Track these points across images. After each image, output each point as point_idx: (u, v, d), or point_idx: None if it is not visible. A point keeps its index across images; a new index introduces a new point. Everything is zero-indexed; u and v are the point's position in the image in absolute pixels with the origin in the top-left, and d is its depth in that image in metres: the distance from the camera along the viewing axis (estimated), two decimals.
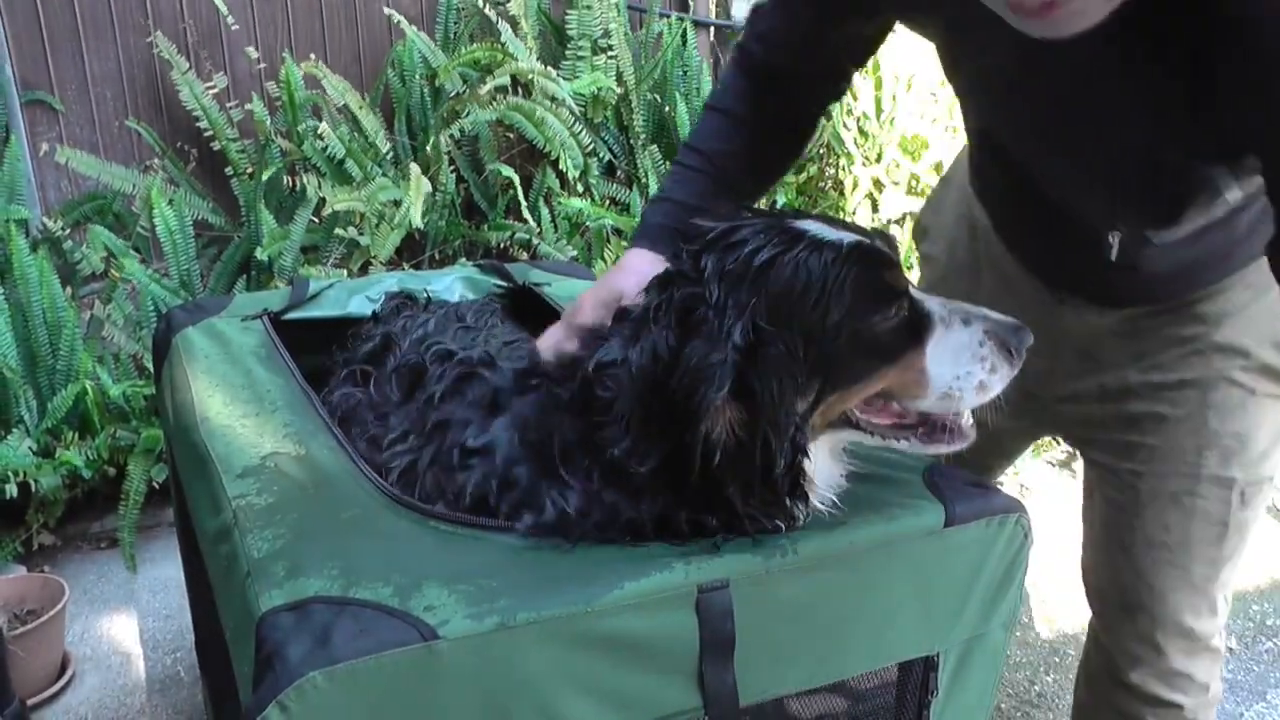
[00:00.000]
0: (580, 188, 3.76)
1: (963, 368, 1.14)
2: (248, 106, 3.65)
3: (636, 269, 1.35)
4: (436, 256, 3.70)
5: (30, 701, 2.41)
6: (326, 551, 1.09)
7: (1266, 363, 1.45)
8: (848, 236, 1.14)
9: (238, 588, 1.09)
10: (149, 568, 2.99)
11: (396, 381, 1.46)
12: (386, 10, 3.84)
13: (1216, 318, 1.44)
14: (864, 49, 1.53)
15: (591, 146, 3.75)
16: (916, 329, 1.14)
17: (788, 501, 1.12)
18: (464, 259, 3.66)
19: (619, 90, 3.81)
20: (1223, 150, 1.22)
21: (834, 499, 1.19)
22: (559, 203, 3.71)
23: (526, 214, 3.64)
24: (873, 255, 1.13)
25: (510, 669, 1.00)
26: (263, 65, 3.83)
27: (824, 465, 1.18)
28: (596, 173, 3.83)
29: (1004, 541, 1.24)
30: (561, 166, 3.59)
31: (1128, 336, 1.49)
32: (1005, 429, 1.27)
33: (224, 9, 3.72)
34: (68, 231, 3.47)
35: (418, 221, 3.27)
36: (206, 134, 3.66)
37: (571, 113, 3.65)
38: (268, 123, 3.62)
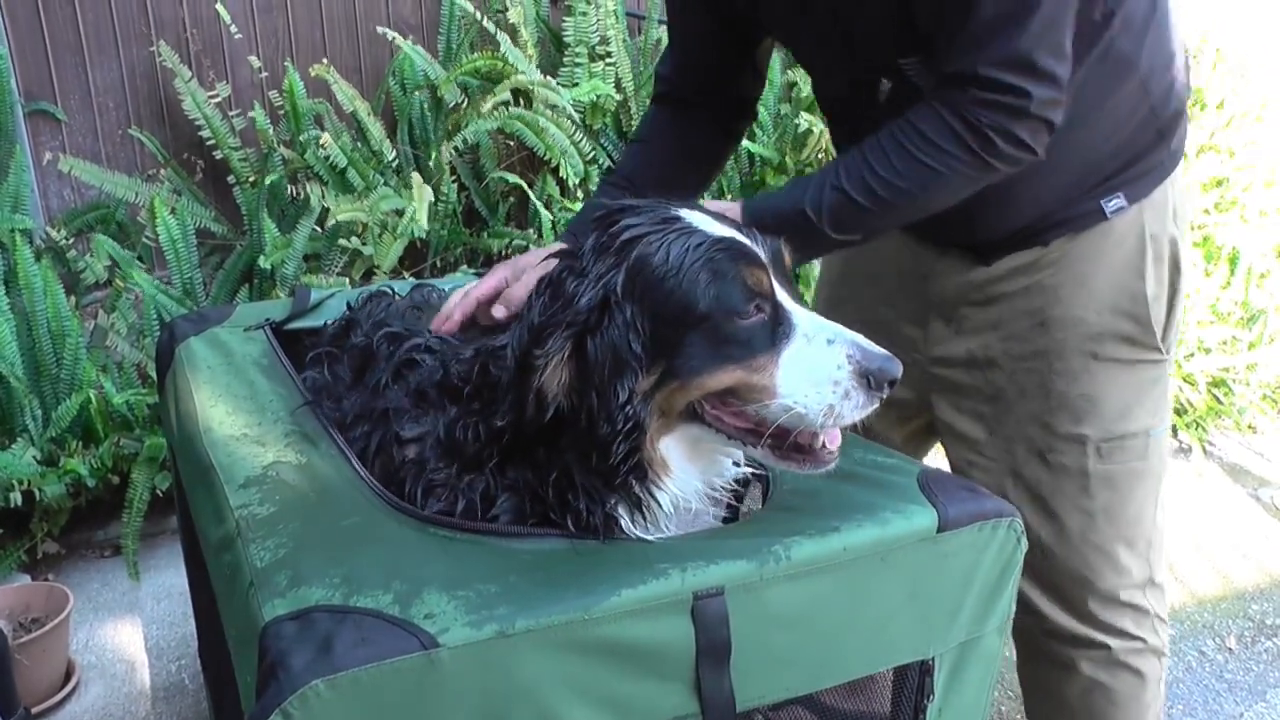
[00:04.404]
0: (580, 194, 3.78)
1: (814, 386, 1.11)
2: (250, 114, 3.67)
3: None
4: (438, 264, 3.72)
5: (35, 710, 2.42)
6: (328, 560, 1.10)
7: (1106, 329, 1.57)
8: (720, 230, 1.15)
9: (241, 597, 1.11)
10: (153, 575, 3.00)
11: (349, 362, 1.51)
12: (380, 29, 3.84)
13: (1056, 291, 1.57)
14: (754, 74, 1.75)
15: (592, 154, 3.76)
16: (775, 337, 1.13)
17: (627, 480, 1.13)
18: (465, 266, 3.68)
19: (618, 97, 3.82)
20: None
21: (700, 500, 1.20)
22: (559, 209, 3.73)
23: (538, 218, 3.65)
24: (738, 252, 1.14)
25: (509, 676, 1.01)
26: (265, 74, 3.85)
27: (680, 461, 1.17)
28: (597, 179, 3.85)
29: (997, 545, 1.26)
30: (562, 174, 3.61)
31: (985, 305, 1.63)
32: (896, 400, 1.31)
33: (227, 18, 3.74)
34: (71, 241, 3.50)
35: (424, 225, 3.30)
36: (209, 143, 3.68)
37: (571, 120, 3.66)
38: (270, 131, 3.64)
